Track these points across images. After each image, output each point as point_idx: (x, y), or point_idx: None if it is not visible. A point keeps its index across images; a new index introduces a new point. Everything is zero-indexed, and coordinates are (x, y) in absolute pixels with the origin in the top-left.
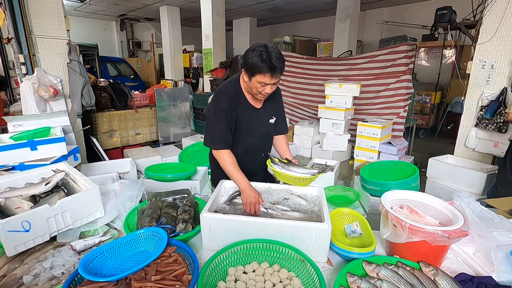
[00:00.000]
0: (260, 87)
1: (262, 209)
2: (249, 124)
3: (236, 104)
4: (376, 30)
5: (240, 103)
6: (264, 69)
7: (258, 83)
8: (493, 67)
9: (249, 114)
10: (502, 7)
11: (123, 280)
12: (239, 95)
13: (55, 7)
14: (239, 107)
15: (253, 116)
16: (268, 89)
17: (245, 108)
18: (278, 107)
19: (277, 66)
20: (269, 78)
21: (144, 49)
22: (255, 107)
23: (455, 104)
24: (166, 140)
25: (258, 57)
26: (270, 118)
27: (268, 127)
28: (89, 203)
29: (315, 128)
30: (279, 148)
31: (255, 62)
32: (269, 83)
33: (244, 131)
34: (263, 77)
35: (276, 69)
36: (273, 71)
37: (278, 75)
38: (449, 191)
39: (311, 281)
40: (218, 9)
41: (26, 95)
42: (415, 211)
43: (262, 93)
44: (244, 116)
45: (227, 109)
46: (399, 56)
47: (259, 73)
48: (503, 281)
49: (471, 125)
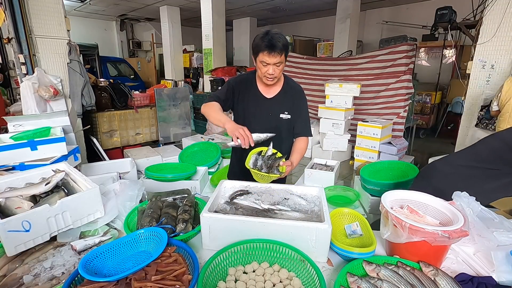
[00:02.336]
0: (262, 68)
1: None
2: (256, 113)
3: (245, 85)
4: (376, 30)
5: (250, 88)
6: (263, 47)
7: (260, 63)
8: (493, 67)
9: (257, 101)
10: (502, 7)
11: (123, 280)
12: (252, 81)
13: (55, 7)
14: (248, 90)
15: (261, 105)
16: (270, 69)
17: (254, 94)
18: (296, 105)
19: (275, 45)
20: (267, 56)
21: (144, 49)
22: (265, 96)
23: (455, 104)
24: (166, 140)
25: (260, 38)
26: (281, 113)
27: (279, 122)
28: (89, 203)
29: (315, 128)
30: (293, 147)
31: (256, 42)
32: (270, 63)
33: (250, 119)
34: (263, 56)
35: (274, 47)
36: (271, 48)
37: (277, 54)
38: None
39: (311, 281)
40: (218, 9)
41: (26, 95)
42: (415, 211)
43: (266, 75)
44: (251, 102)
45: (234, 86)
46: (399, 56)
47: (260, 51)
48: (503, 281)
49: (471, 125)
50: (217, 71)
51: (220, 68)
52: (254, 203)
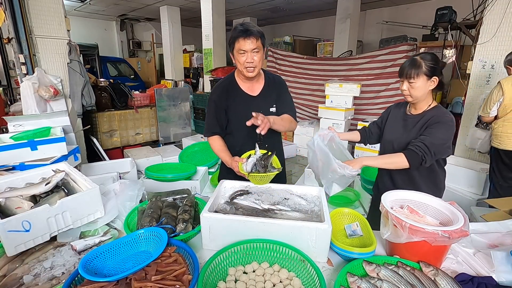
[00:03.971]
0: (241, 58)
1: (265, 206)
2: (246, 112)
3: (228, 93)
4: (376, 30)
5: (234, 92)
6: (237, 34)
7: (238, 52)
8: (493, 67)
9: (245, 102)
10: (502, 7)
11: (123, 280)
12: (233, 84)
13: (55, 7)
14: (233, 97)
15: (249, 104)
16: (249, 57)
17: (240, 97)
18: (280, 96)
19: (249, 29)
20: (243, 41)
21: (144, 49)
22: (251, 95)
23: (456, 104)
24: (166, 140)
25: (233, 29)
26: (270, 107)
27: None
28: (89, 203)
29: (315, 128)
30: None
31: (231, 34)
32: (247, 50)
33: (242, 119)
34: (238, 44)
35: (249, 31)
36: (245, 34)
37: (253, 39)
38: (449, 191)
39: (311, 281)
40: (218, 9)
41: (26, 95)
42: (415, 211)
43: (246, 65)
44: (239, 105)
45: (217, 100)
46: (399, 56)
47: (235, 41)
48: (502, 281)
49: (471, 125)
50: (217, 71)
51: (220, 68)
52: (254, 203)
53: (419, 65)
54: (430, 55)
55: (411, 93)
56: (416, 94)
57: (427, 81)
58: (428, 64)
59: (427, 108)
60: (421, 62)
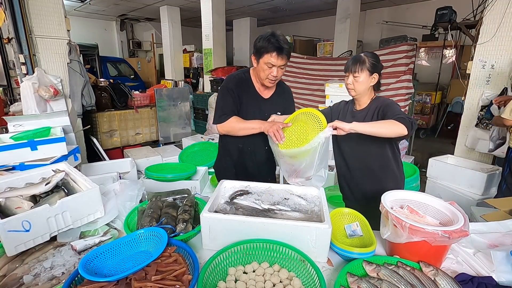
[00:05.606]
0: (267, 69)
1: (265, 206)
2: (255, 113)
3: (243, 86)
4: (376, 30)
5: (248, 88)
6: (271, 48)
7: (265, 64)
8: (493, 67)
9: (256, 102)
10: (502, 7)
11: (123, 280)
12: (248, 81)
13: (55, 7)
14: (247, 92)
15: (259, 106)
16: (275, 71)
17: (253, 95)
18: (288, 109)
19: (284, 47)
20: (275, 58)
21: (144, 49)
22: (263, 96)
23: (455, 104)
24: (166, 140)
25: (266, 40)
26: (275, 113)
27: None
28: (89, 203)
29: None
30: None
31: (263, 43)
32: (276, 65)
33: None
34: (269, 57)
35: (283, 50)
36: (280, 51)
37: (284, 57)
38: (449, 191)
39: (311, 281)
40: (218, 9)
41: (26, 95)
42: (415, 211)
43: (269, 77)
44: (250, 103)
45: (234, 89)
46: (399, 56)
47: (266, 52)
48: (502, 281)
49: (471, 125)
50: (217, 71)
51: (220, 68)
52: (254, 203)
53: (363, 61)
54: (372, 54)
55: (355, 87)
56: (359, 88)
57: (369, 76)
58: (371, 61)
59: (369, 102)
60: (365, 59)
